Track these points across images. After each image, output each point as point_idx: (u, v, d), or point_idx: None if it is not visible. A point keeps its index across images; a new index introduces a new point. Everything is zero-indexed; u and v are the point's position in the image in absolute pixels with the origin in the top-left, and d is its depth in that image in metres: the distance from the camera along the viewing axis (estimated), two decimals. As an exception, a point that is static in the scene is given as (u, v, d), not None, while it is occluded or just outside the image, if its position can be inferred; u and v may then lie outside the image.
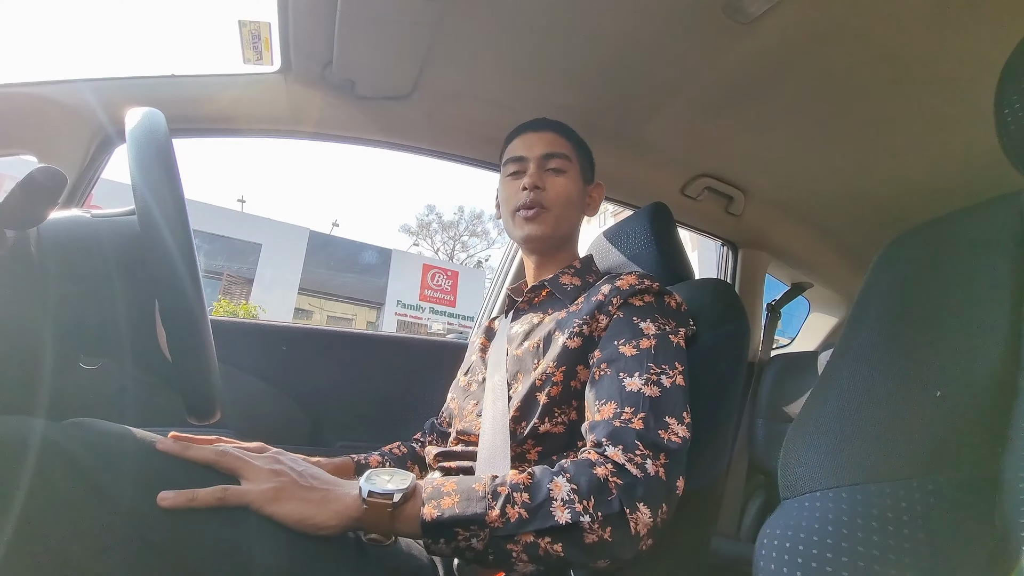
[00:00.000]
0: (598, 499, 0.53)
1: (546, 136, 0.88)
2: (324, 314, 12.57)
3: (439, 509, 0.54)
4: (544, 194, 0.84)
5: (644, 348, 0.67)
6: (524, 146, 0.88)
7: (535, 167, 0.86)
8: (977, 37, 0.82)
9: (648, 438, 0.59)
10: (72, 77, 0.95)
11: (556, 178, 0.86)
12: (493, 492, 0.54)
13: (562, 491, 0.54)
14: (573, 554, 0.53)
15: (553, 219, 0.85)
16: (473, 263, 19.60)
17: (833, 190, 1.36)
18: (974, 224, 0.53)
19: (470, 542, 0.53)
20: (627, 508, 0.53)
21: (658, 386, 0.64)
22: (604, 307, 0.73)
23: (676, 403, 0.63)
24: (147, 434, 0.56)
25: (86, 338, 0.55)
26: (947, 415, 0.45)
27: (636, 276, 0.76)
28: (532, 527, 0.52)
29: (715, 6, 0.81)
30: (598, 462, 0.57)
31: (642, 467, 0.56)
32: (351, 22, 0.88)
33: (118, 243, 0.54)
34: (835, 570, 0.43)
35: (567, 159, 0.86)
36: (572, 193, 0.86)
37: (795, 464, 0.53)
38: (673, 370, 0.65)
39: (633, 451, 0.57)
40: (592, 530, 0.53)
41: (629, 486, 0.55)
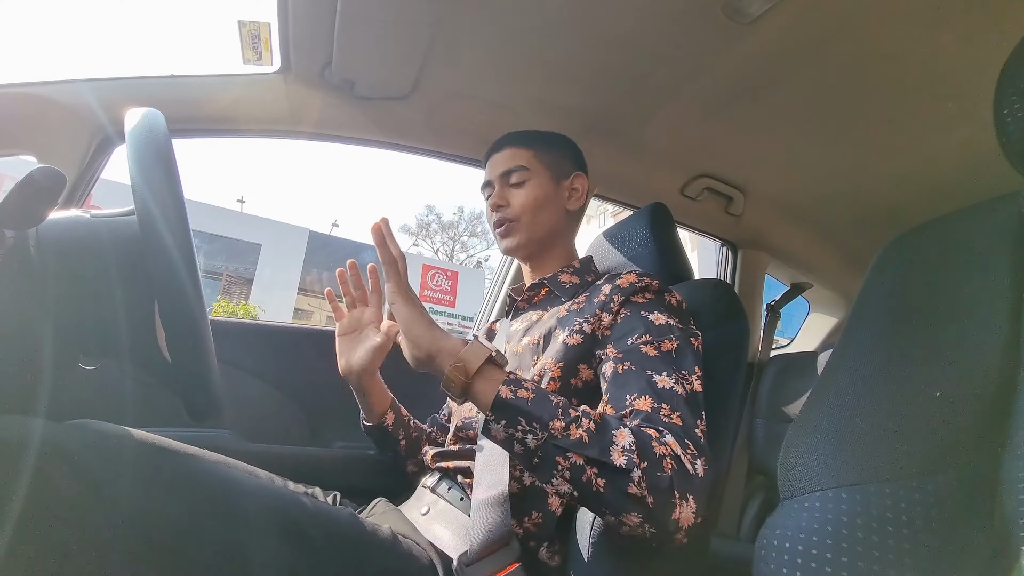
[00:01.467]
0: (651, 468, 0.53)
1: (504, 153, 0.91)
2: (324, 314, 12.56)
3: (515, 395, 0.57)
4: (508, 210, 0.88)
5: (666, 350, 0.67)
6: (489, 169, 0.92)
7: (499, 187, 0.90)
8: (976, 37, 0.82)
9: (692, 439, 0.58)
10: (72, 77, 0.95)
11: (517, 191, 0.88)
12: (565, 406, 0.57)
13: (625, 440, 0.55)
14: (612, 496, 0.53)
15: (523, 227, 0.88)
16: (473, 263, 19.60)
17: (833, 190, 1.36)
18: (974, 224, 0.53)
19: (527, 437, 0.55)
20: (678, 492, 0.53)
21: (685, 387, 0.63)
22: (607, 305, 0.73)
23: (699, 406, 0.63)
24: (147, 434, 0.56)
25: (86, 338, 0.55)
26: (947, 415, 0.45)
27: (635, 275, 0.76)
28: (588, 452, 0.53)
29: (715, 7, 0.81)
30: (657, 439, 0.56)
31: (694, 465, 0.55)
32: (351, 22, 0.88)
33: (118, 243, 0.54)
34: (835, 570, 0.43)
35: (525, 169, 0.88)
36: (537, 198, 0.87)
37: (795, 464, 0.53)
38: (692, 374, 0.65)
39: (686, 448, 0.57)
40: (639, 485, 0.52)
41: (684, 476, 0.54)
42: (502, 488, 0.67)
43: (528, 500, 0.69)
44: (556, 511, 0.69)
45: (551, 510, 0.69)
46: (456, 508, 0.73)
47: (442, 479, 0.78)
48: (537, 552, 0.69)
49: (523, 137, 0.92)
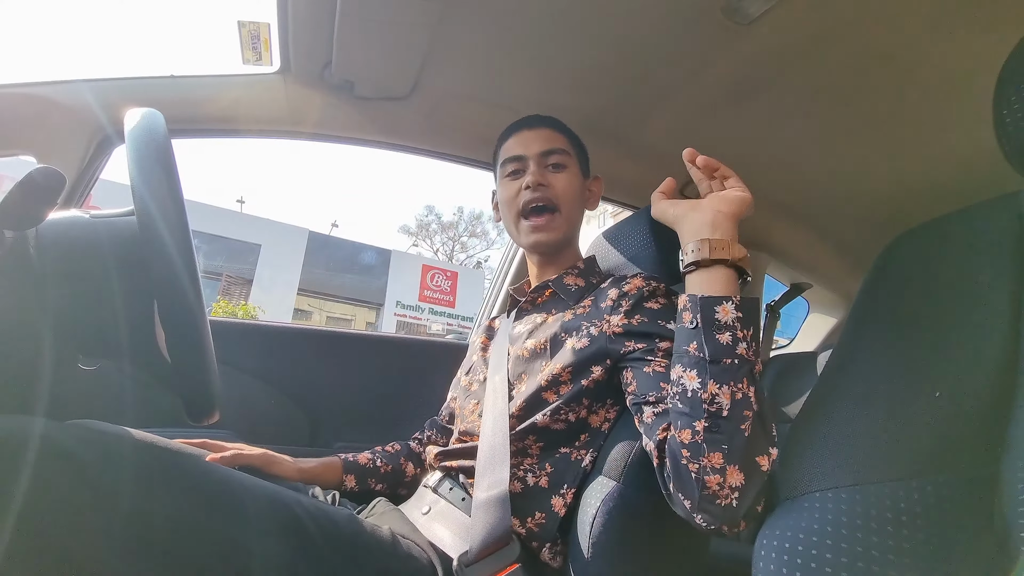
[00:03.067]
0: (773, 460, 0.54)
1: (543, 132, 0.87)
2: (323, 315, 12.57)
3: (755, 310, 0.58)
4: (549, 191, 0.83)
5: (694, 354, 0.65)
6: (521, 144, 0.87)
7: (535, 165, 0.85)
8: (976, 38, 0.82)
9: None
10: (72, 77, 0.95)
11: (558, 174, 0.85)
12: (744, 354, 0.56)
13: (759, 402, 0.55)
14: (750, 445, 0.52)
15: (564, 220, 0.85)
16: (472, 264, 19.60)
17: (833, 190, 1.36)
18: (973, 224, 0.53)
19: (742, 343, 0.55)
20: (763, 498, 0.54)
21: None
22: (615, 309, 0.72)
23: None
24: (146, 434, 0.56)
25: (85, 339, 0.55)
26: (947, 415, 0.45)
27: (642, 279, 0.75)
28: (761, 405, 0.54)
29: (714, 7, 0.81)
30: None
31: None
32: (350, 23, 0.88)
33: (117, 244, 0.54)
34: (834, 570, 0.43)
35: (566, 154, 0.86)
36: (576, 189, 0.86)
37: (794, 464, 0.53)
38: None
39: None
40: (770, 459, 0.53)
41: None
42: (503, 488, 0.67)
43: (531, 500, 0.69)
44: (559, 512, 0.69)
45: (554, 511, 0.69)
46: (457, 508, 0.73)
47: (444, 479, 0.78)
48: (539, 553, 0.69)
49: (558, 123, 0.89)
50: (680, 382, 0.57)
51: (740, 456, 0.52)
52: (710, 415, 0.53)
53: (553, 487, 0.70)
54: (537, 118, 0.90)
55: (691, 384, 0.55)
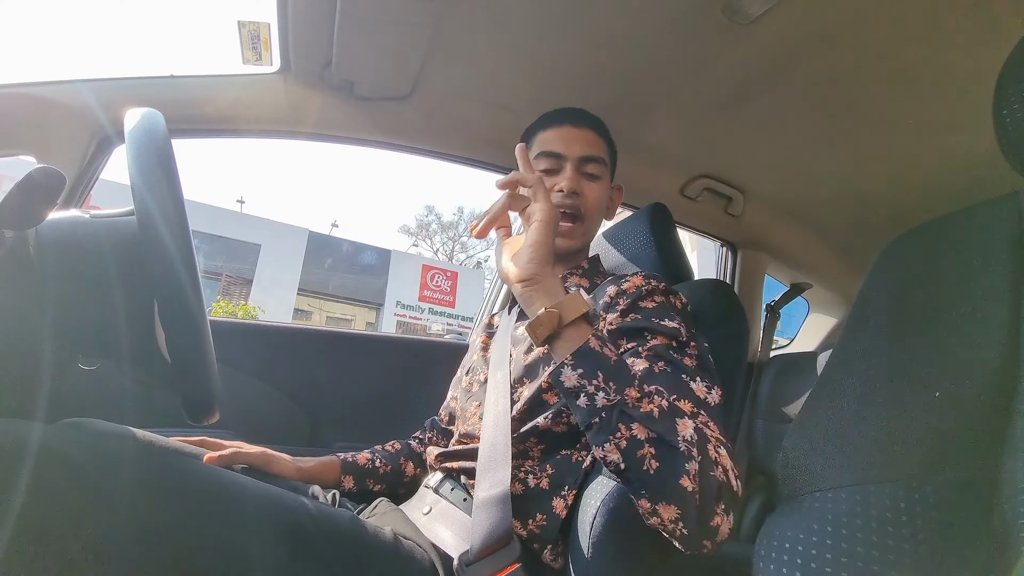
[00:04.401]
0: (706, 465, 0.51)
1: (587, 136, 0.84)
2: (323, 315, 12.57)
3: (600, 350, 0.55)
4: (582, 200, 0.82)
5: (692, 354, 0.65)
6: (562, 142, 0.84)
7: (573, 169, 0.82)
8: (976, 38, 0.82)
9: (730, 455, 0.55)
10: (72, 77, 0.95)
11: (592, 184, 0.83)
12: (642, 379, 0.56)
13: (688, 430, 0.53)
14: (660, 480, 0.51)
15: (585, 231, 0.84)
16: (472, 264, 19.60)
17: (833, 190, 1.36)
18: (973, 225, 0.53)
19: (597, 393, 0.53)
20: (724, 503, 0.51)
21: (713, 399, 0.61)
22: (612, 307, 0.72)
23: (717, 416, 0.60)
24: (146, 435, 0.56)
25: (85, 339, 0.55)
26: (947, 415, 0.45)
27: (642, 277, 0.74)
28: (654, 428, 0.52)
29: (714, 7, 0.81)
30: (715, 446, 0.54)
31: (737, 485, 0.54)
32: (350, 23, 0.88)
33: (117, 244, 0.54)
34: (835, 570, 0.43)
35: (603, 164, 0.84)
36: (604, 201, 0.85)
37: (794, 465, 0.53)
38: (716, 387, 0.63)
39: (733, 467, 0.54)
40: (693, 479, 0.50)
41: (730, 490, 0.52)
42: (503, 488, 0.67)
43: (532, 502, 0.69)
44: (560, 513, 0.69)
45: (555, 512, 0.69)
46: (458, 508, 0.73)
47: (445, 479, 0.78)
48: (540, 554, 0.69)
49: (602, 125, 0.87)
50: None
51: (659, 492, 0.51)
52: (617, 472, 0.53)
53: (554, 488, 0.70)
54: (583, 115, 0.86)
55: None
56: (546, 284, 0.58)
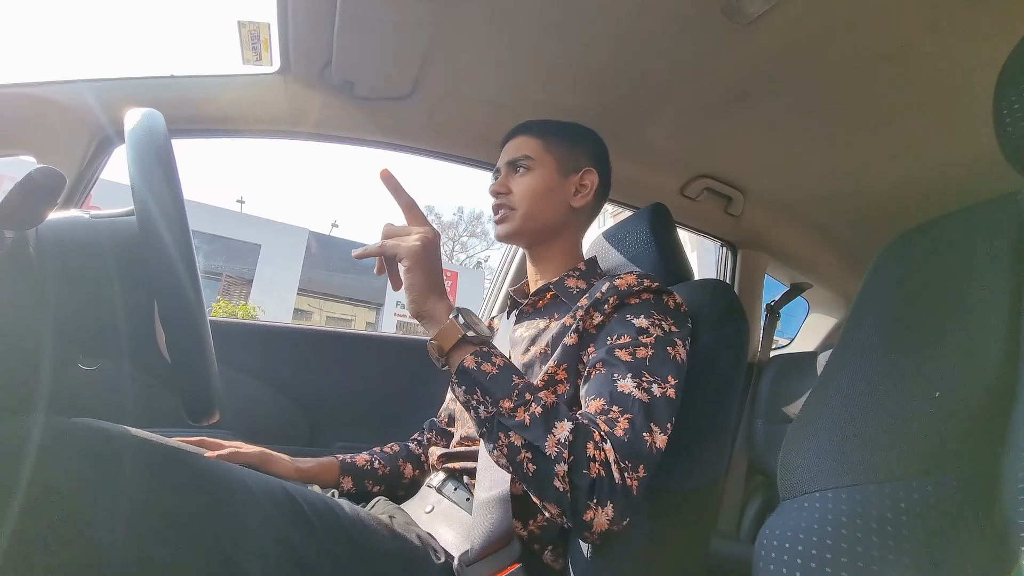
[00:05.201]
0: (577, 465, 0.57)
1: (516, 141, 0.91)
2: (323, 315, 12.56)
3: (478, 367, 0.62)
4: (507, 197, 0.88)
5: (640, 357, 0.66)
6: (501, 156, 0.92)
7: (504, 174, 0.90)
8: (976, 38, 0.82)
9: (631, 447, 0.59)
10: (72, 77, 0.95)
11: (518, 179, 0.88)
12: (521, 390, 0.61)
13: (563, 432, 0.58)
14: (537, 482, 0.58)
15: (518, 216, 0.87)
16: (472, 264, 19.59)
17: (833, 190, 1.36)
18: (973, 224, 0.53)
19: (479, 407, 0.61)
20: (597, 498, 0.56)
21: (648, 393, 0.63)
22: (600, 305, 0.73)
23: (662, 413, 0.63)
24: (146, 435, 0.56)
25: (85, 339, 0.55)
26: (946, 415, 0.45)
27: (635, 276, 0.75)
28: (525, 435, 0.59)
29: (714, 7, 0.81)
30: (596, 443, 0.58)
31: (624, 476, 0.57)
32: (350, 23, 0.88)
33: (117, 244, 0.54)
34: (834, 570, 0.43)
35: (530, 159, 0.88)
36: (537, 187, 0.87)
37: (795, 465, 0.53)
38: (665, 382, 0.65)
39: (622, 460, 0.58)
40: (562, 480, 0.56)
41: (608, 484, 0.57)
42: (504, 488, 0.67)
43: (532, 503, 0.69)
44: None
45: None
46: (460, 508, 0.73)
47: (448, 479, 0.78)
48: (541, 555, 0.69)
49: (538, 126, 0.91)
50: None
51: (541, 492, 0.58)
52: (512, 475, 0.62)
53: None
54: (518, 127, 0.93)
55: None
56: (431, 317, 0.64)
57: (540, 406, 0.60)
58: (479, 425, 0.62)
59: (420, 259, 0.63)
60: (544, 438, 0.58)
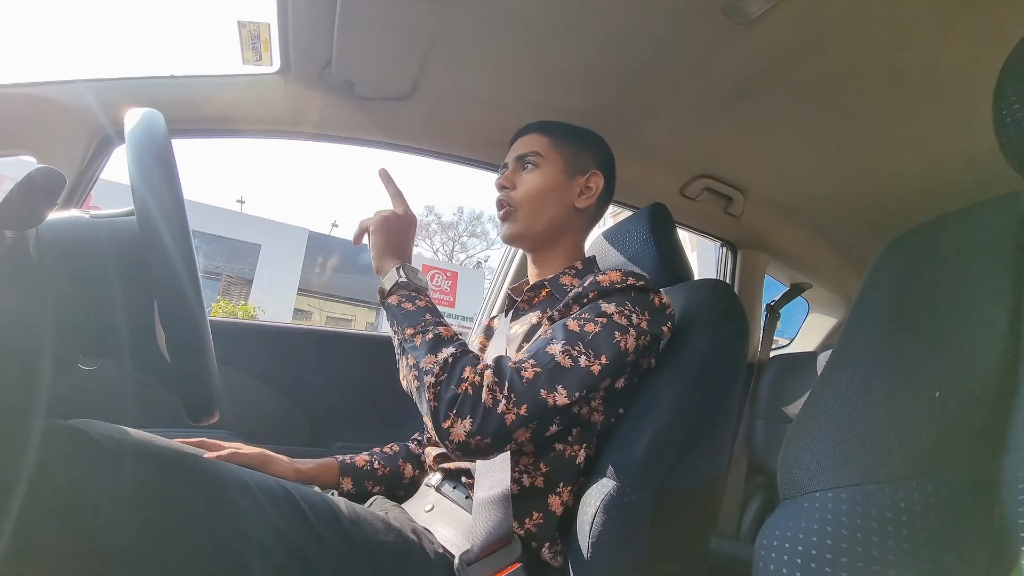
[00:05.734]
0: (447, 381, 0.62)
1: (526, 139, 0.92)
2: (323, 315, 12.56)
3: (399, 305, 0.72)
4: (511, 193, 0.88)
5: (585, 331, 0.68)
6: (509, 152, 0.93)
7: (511, 169, 0.91)
8: (976, 38, 0.82)
9: (522, 388, 0.62)
10: (72, 77, 0.95)
11: (524, 175, 0.88)
12: (427, 323, 0.70)
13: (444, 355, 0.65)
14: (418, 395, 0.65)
15: (523, 216, 0.87)
16: (472, 264, 19.58)
17: (833, 190, 1.36)
18: (973, 224, 0.53)
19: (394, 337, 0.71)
20: (457, 409, 0.60)
21: (572, 360, 0.65)
22: (580, 299, 0.74)
23: (574, 381, 0.64)
24: (146, 435, 0.56)
25: (85, 339, 0.55)
26: (946, 415, 0.45)
27: (620, 273, 0.75)
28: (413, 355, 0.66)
29: (714, 7, 0.81)
30: (476, 370, 0.64)
31: (495, 400, 0.61)
32: (350, 23, 0.88)
33: (117, 244, 0.54)
34: (835, 570, 0.43)
35: (538, 155, 0.88)
36: (542, 186, 0.87)
37: (795, 465, 0.53)
38: (595, 359, 0.66)
39: (501, 387, 0.62)
40: (430, 390, 0.62)
41: (473, 400, 0.61)
42: (503, 488, 0.67)
43: (528, 501, 0.69)
44: (557, 511, 0.69)
45: (551, 510, 0.69)
46: (460, 507, 0.73)
47: (446, 479, 0.78)
48: (540, 552, 0.69)
49: (549, 126, 0.92)
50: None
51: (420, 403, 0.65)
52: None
53: (549, 487, 0.70)
54: (529, 125, 0.93)
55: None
56: (383, 271, 0.76)
57: (434, 334, 0.67)
58: (396, 348, 0.70)
59: (381, 227, 0.77)
60: (425, 356, 0.65)
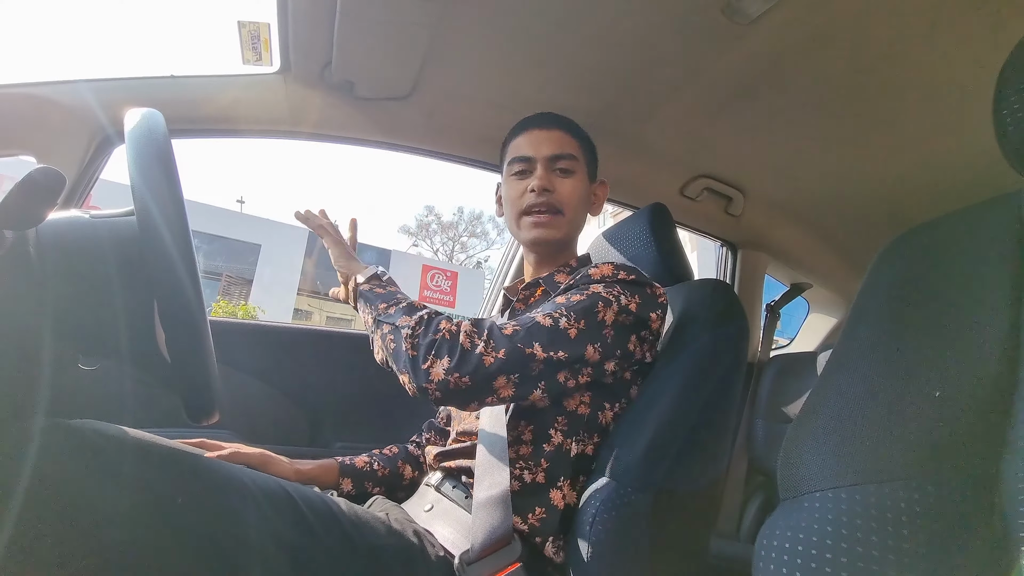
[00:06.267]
0: (424, 332, 0.65)
1: (554, 135, 0.86)
2: (323, 315, 12.56)
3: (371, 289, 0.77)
4: (554, 196, 0.84)
5: (571, 300, 0.70)
6: (530, 145, 0.86)
7: (543, 168, 0.84)
8: (976, 38, 0.82)
9: (501, 336, 0.65)
10: (72, 77, 0.95)
11: (565, 179, 0.85)
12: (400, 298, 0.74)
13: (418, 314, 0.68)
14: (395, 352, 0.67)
15: (567, 223, 0.85)
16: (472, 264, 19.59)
17: (833, 190, 1.36)
18: (973, 224, 0.53)
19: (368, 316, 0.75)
20: (435, 351, 0.63)
21: (551, 320, 0.67)
22: (571, 287, 0.75)
23: (552, 340, 0.66)
24: (146, 435, 0.56)
25: (85, 339, 0.55)
26: (947, 415, 0.45)
27: (612, 266, 0.76)
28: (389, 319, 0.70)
29: (714, 7, 0.81)
30: (452, 321, 0.67)
31: (472, 344, 0.64)
32: (350, 23, 0.88)
33: (117, 244, 0.54)
34: (834, 570, 0.43)
35: (574, 159, 0.86)
36: (581, 194, 0.86)
37: (795, 465, 0.53)
38: (575, 321, 0.68)
39: (479, 334, 0.64)
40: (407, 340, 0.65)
41: (451, 342, 0.64)
42: (503, 487, 0.67)
43: (530, 496, 0.70)
44: (558, 505, 0.69)
45: (554, 504, 0.69)
46: (459, 506, 0.73)
47: (445, 478, 0.79)
48: (543, 548, 0.69)
49: (572, 125, 0.89)
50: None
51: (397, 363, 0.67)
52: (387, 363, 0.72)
53: (550, 481, 0.70)
54: (550, 117, 0.88)
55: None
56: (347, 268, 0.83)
57: (407, 303, 0.72)
58: (370, 332, 0.74)
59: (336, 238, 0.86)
60: (400, 317, 0.69)
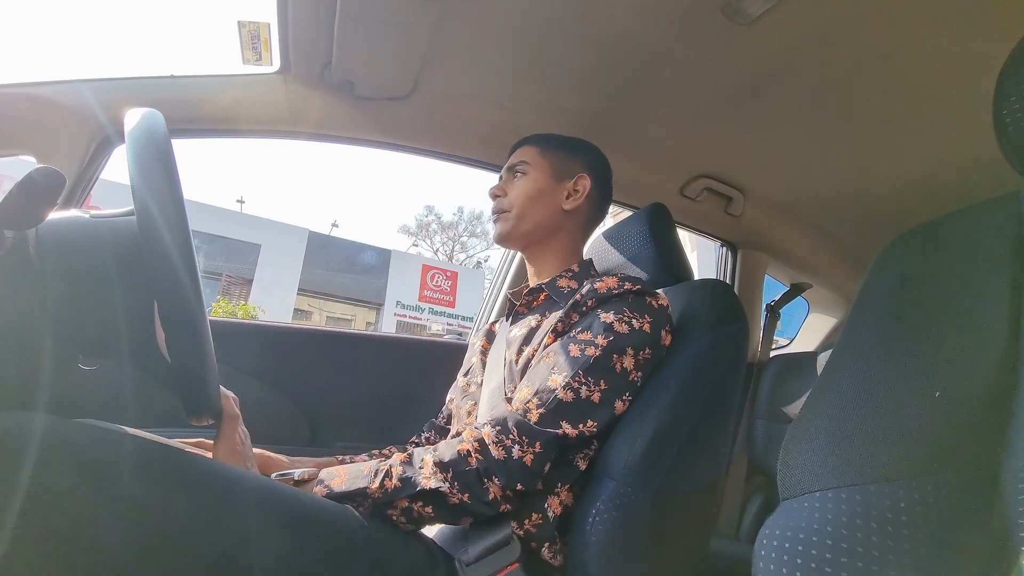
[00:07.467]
0: (457, 473, 0.63)
1: (517, 152, 0.95)
2: (323, 315, 12.56)
3: (330, 490, 0.65)
4: (503, 199, 0.91)
5: (587, 355, 0.69)
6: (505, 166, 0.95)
7: (503, 180, 0.94)
8: (976, 38, 0.82)
9: (531, 429, 0.65)
10: (72, 77, 0.95)
11: (516, 181, 0.91)
12: (377, 471, 0.66)
13: (429, 464, 0.64)
14: (440, 514, 0.64)
15: (512, 218, 0.89)
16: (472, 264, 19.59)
17: (833, 190, 1.36)
18: (973, 224, 0.53)
19: (359, 509, 0.64)
20: (485, 478, 0.63)
21: (574, 393, 0.67)
22: (579, 306, 0.76)
23: (581, 412, 0.67)
24: (145, 436, 0.56)
25: (85, 339, 0.55)
26: (946, 415, 0.45)
27: (617, 279, 0.77)
28: (403, 494, 0.63)
29: (714, 7, 0.81)
30: (466, 439, 0.65)
31: (507, 450, 0.63)
32: (350, 23, 0.88)
33: (117, 244, 0.54)
34: (834, 571, 0.43)
35: (527, 164, 0.91)
36: (530, 189, 0.89)
37: (794, 465, 0.53)
38: (596, 386, 0.69)
39: (507, 435, 0.64)
40: (452, 493, 0.63)
41: (488, 461, 0.63)
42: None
43: (526, 503, 0.69)
44: (555, 511, 0.69)
45: (550, 511, 0.69)
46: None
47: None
48: (539, 552, 0.69)
49: (539, 137, 0.95)
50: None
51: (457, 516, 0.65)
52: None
53: (547, 488, 0.70)
54: (521, 140, 0.96)
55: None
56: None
57: (398, 466, 0.66)
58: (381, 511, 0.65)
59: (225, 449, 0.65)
60: (417, 482, 0.63)
